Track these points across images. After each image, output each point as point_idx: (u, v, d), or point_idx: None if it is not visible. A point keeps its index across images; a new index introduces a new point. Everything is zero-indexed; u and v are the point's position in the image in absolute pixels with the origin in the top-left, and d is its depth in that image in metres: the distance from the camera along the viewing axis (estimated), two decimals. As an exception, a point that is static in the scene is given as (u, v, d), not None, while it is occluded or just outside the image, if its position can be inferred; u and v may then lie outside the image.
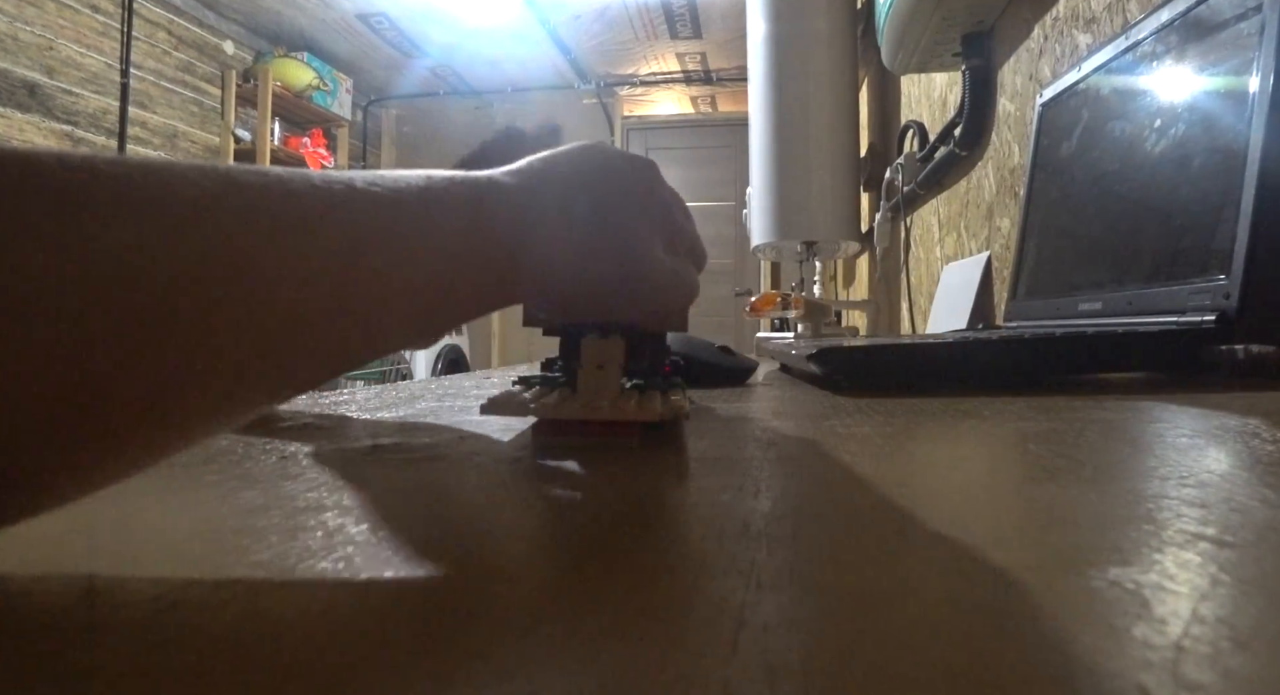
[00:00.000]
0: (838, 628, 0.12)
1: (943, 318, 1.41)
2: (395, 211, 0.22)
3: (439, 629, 0.12)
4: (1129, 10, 0.85)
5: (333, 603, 0.13)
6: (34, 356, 0.13)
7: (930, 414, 0.38)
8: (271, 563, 0.16)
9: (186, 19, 3.66)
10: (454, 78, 4.72)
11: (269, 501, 0.21)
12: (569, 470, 0.26)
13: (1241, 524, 0.17)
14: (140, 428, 0.16)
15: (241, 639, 0.12)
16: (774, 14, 2.19)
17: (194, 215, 0.16)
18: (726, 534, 0.17)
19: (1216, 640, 0.11)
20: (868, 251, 2.39)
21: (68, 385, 0.14)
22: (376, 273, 0.20)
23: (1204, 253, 0.56)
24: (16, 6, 2.86)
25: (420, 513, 0.20)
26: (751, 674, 0.10)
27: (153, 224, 0.16)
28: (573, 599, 0.13)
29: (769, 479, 0.23)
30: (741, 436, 0.32)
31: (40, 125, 2.94)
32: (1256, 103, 0.53)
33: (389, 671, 0.10)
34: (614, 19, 3.88)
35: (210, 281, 0.16)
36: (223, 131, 3.84)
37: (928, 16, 1.26)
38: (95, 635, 0.12)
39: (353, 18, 3.91)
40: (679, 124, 5.15)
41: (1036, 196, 0.91)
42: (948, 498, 0.20)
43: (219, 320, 0.16)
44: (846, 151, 2.19)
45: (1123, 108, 0.73)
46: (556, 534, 0.18)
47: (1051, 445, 0.28)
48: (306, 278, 0.18)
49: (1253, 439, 0.28)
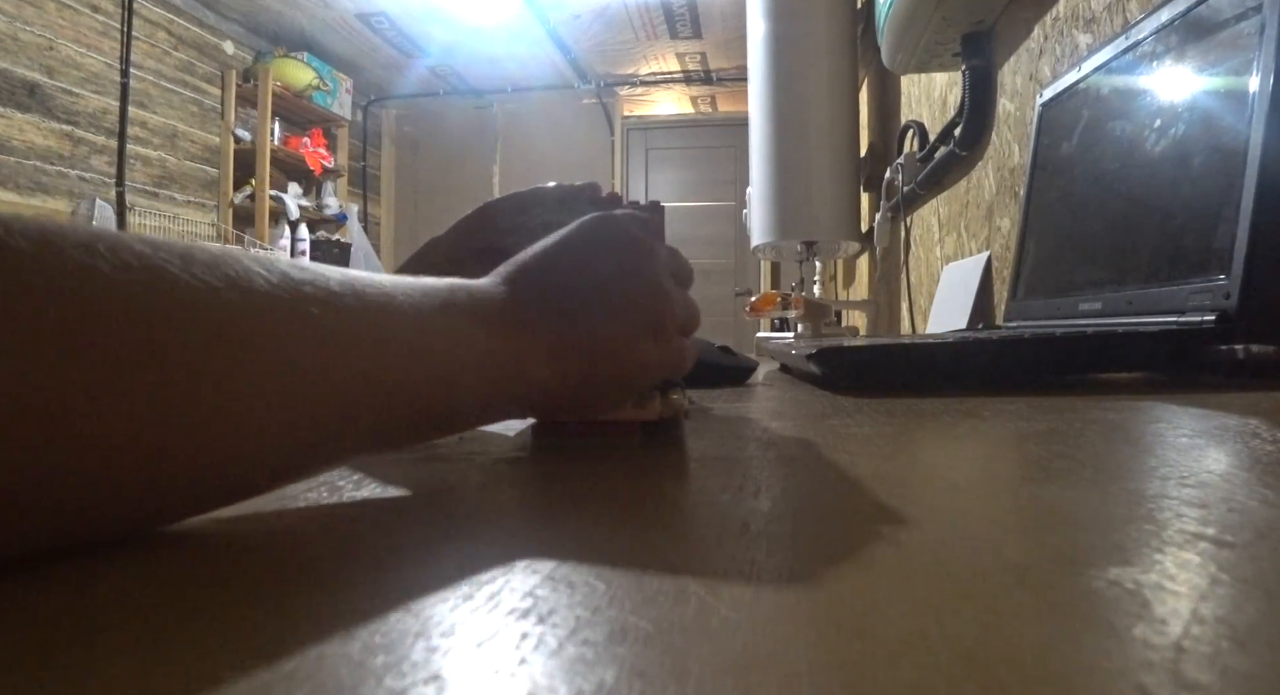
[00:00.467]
0: (838, 629, 0.11)
1: (943, 318, 1.41)
2: (416, 324, 0.22)
3: (437, 627, 0.12)
4: (1129, 10, 0.85)
5: (328, 603, 0.13)
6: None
7: (930, 414, 0.38)
8: (270, 562, 0.16)
9: (186, 19, 3.66)
10: (454, 77, 4.72)
11: (267, 500, 0.21)
12: (569, 470, 0.26)
13: (1241, 524, 0.17)
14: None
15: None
16: (774, 14, 2.19)
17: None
18: (726, 534, 0.17)
19: (1216, 640, 0.11)
20: (868, 251, 2.39)
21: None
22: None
23: (1204, 252, 0.56)
24: (16, 6, 2.85)
25: (420, 512, 0.20)
26: (751, 674, 0.10)
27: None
28: (572, 599, 0.13)
29: (769, 479, 0.23)
30: (741, 436, 0.32)
31: (40, 125, 2.94)
32: (1256, 103, 0.53)
33: (387, 665, 0.10)
34: (614, 19, 3.88)
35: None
36: (223, 131, 3.84)
37: (928, 16, 1.26)
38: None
39: (353, 17, 3.91)
40: (679, 124, 5.15)
41: (1036, 196, 0.91)
42: (948, 498, 0.20)
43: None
44: (846, 151, 2.19)
45: (1123, 108, 0.73)
46: (556, 534, 0.18)
47: (1051, 445, 0.28)
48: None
49: (1253, 439, 0.28)
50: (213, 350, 0.16)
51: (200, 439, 0.16)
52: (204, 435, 0.16)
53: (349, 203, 4.57)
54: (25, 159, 2.89)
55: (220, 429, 0.16)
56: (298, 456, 0.19)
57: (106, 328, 0.15)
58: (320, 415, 0.19)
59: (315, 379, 0.18)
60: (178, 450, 0.16)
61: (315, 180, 4.38)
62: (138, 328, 0.15)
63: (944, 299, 1.44)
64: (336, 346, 0.19)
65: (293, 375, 0.18)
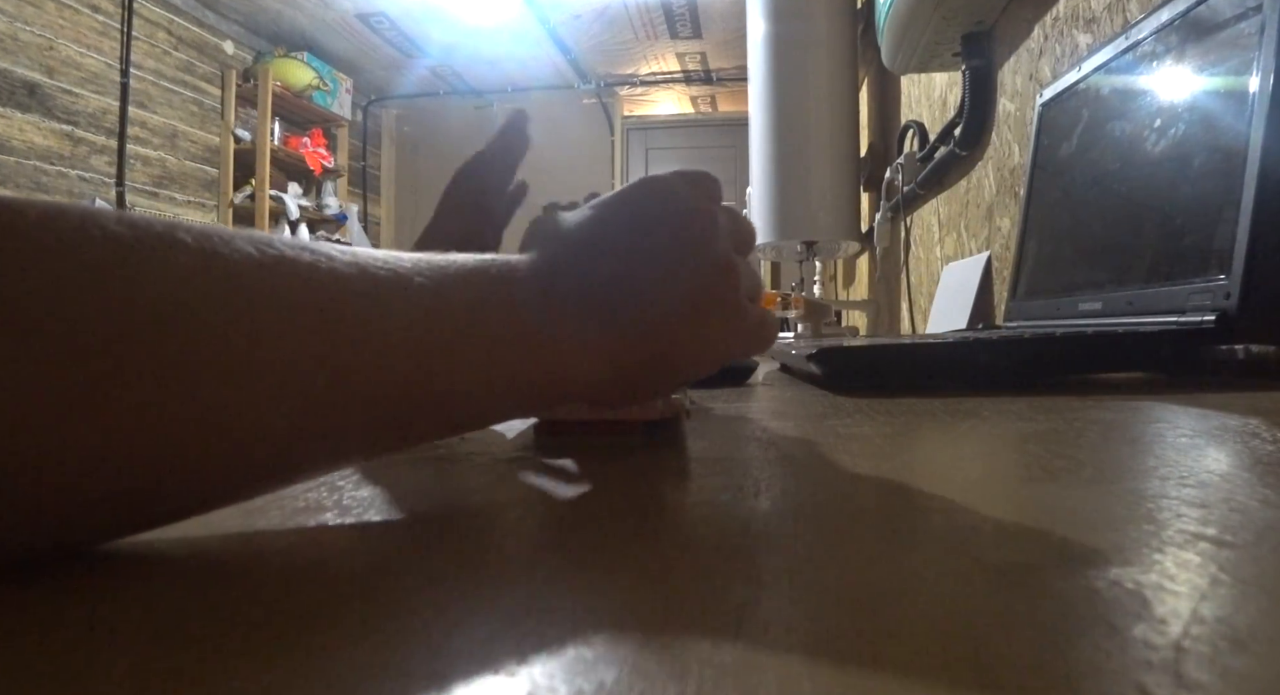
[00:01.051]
0: (837, 628, 0.11)
1: (943, 318, 1.41)
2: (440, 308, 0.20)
3: (437, 628, 0.12)
4: (1129, 10, 0.85)
5: (331, 604, 0.13)
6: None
7: (930, 414, 0.38)
8: (269, 562, 0.16)
9: (186, 19, 3.66)
10: (454, 77, 4.72)
11: (267, 501, 0.21)
12: (570, 469, 0.26)
13: (1241, 524, 0.17)
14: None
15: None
16: (774, 14, 2.19)
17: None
18: (726, 534, 0.17)
19: (1216, 640, 0.11)
20: (868, 251, 2.39)
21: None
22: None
23: (1204, 253, 0.56)
24: (16, 6, 2.85)
25: (420, 512, 0.20)
26: (751, 673, 0.10)
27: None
28: (572, 599, 0.13)
29: (769, 479, 0.23)
30: (741, 436, 0.32)
31: (40, 125, 2.94)
32: (1256, 103, 0.53)
33: (386, 670, 0.10)
34: (614, 19, 3.88)
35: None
36: (223, 131, 3.84)
37: (928, 16, 1.26)
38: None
39: (353, 18, 3.91)
40: (679, 124, 5.15)
41: (1036, 196, 0.91)
42: (948, 498, 0.20)
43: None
44: (846, 151, 2.19)
45: (1123, 108, 0.73)
46: (556, 534, 0.18)
47: (1051, 445, 0.28)
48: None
49: (1253, 439, 0.28)
50: (199, 344, 0.15)
51: (193, 437, 0.15)
52: (196, 433, 0.15)
53: (349, 203, 4.57)
54: (25, 159, 2.89)
55: (215, 424, 0.15)
56: (294, 458, 0.18)
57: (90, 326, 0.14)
58: (326, 416, 0.17)
59: (317, 377, 0.17)
60: (172, 445, 0.15)
61: (315, 180, 4.38)
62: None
63: (944, 299, 1.44)
64: (343, 339, 0.17)
65: (291, 373, 0.16)
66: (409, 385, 0.18)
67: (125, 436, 0.14)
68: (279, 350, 0.16)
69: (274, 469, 0.17)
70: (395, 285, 0.19)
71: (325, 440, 0.18)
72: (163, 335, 0.15)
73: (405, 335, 0.18)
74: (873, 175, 2.31)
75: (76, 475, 0.14)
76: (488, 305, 0.20)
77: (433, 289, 0.19)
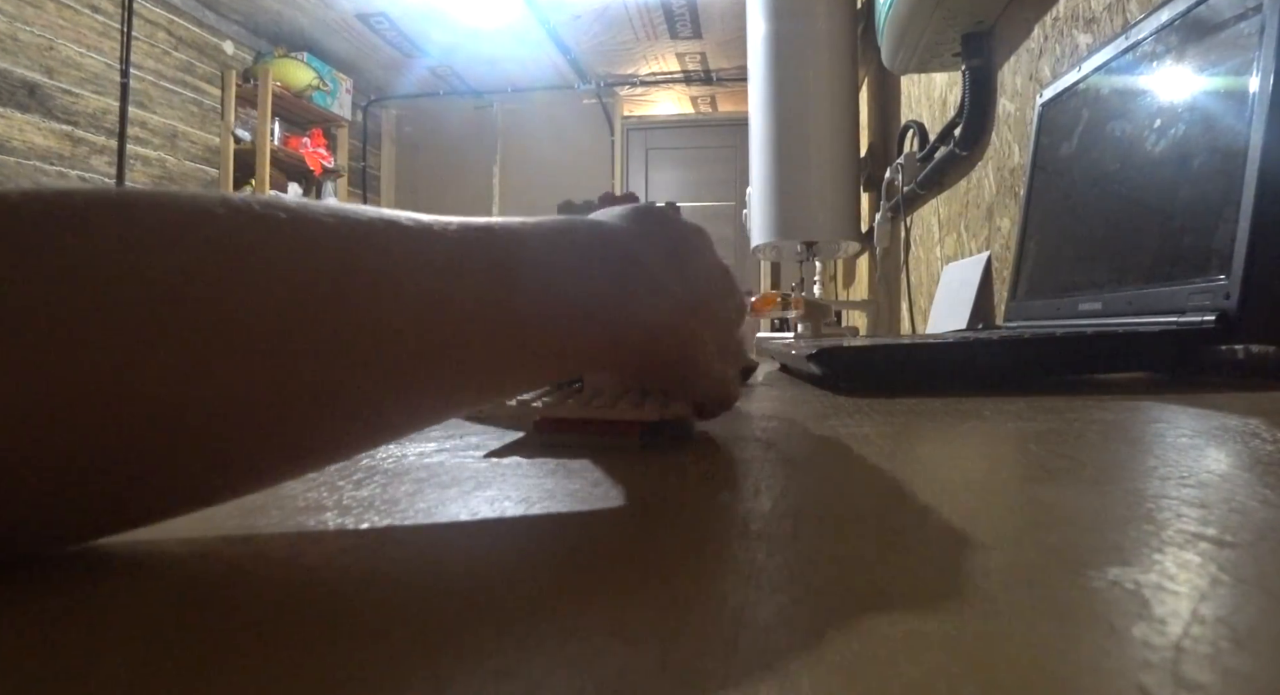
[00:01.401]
0: (837, 628, 0.11)
1: (943, 318, 1.41)
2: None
3: (437, 628, 0.12)
4: (1129, 10, 0.85)
5: (330, 603, 0.13)
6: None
7: (930, 414, 0.38)
8: (270, 561, 0.15)
9: (186, 19, 3.66)
10: (454, 78, 4.72)
11: (268, 501, 0.21)
12: (569, 469, 0.26)
13: (1241, 524, 0.17)
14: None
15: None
16: (774, 14, 2.19)
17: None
18: (726, 534, 0.17)
19: (1216, 640, 0.11)
20: (868, 251, 2.39)
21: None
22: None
23: (1204, 253, 0.56)
24: (16, 6, 2.85)
25: (419, 512, 0.20)
26: (751, 674, 0.10)
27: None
28: (572, 599, 0.13)
29: (769, 479, 0.23)
30: (741, 436, 0.32)
31: (40, 125, 2.94)
32: (1256, 103, 0.53)
33: (386, 671, 0.10)
34: (614, 19, 3.88)
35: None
36: (223, 132, 3.84)
37: (928, 16, 1.26)
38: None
39: (353, 18, 3.91)
40: (679, 124, 5.15)
41: (1036, 196, 0.91)
42: (947, 498, 0.20)
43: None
44: (846, 151, 2.19)
45: (1123, 108, 0.73)
46: (556, 533, 0.18)
47: (1051, 445, 0.28)
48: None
49: (1253, 439, 0.28)
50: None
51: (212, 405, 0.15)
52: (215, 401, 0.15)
53: (349, 203, 4.57)
54: (25, 159, 2.89)
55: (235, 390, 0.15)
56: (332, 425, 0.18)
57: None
58: (391, 372, 0.18)
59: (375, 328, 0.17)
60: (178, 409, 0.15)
61: (315, 180, 4.38)
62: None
63: (944, 299, 1.44)
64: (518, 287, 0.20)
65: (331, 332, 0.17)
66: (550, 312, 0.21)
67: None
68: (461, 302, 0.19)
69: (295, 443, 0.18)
70: (513, 238, 0.22)
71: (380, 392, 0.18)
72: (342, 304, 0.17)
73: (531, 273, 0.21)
74: (873, 175, 2.31)
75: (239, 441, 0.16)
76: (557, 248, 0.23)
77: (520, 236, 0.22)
